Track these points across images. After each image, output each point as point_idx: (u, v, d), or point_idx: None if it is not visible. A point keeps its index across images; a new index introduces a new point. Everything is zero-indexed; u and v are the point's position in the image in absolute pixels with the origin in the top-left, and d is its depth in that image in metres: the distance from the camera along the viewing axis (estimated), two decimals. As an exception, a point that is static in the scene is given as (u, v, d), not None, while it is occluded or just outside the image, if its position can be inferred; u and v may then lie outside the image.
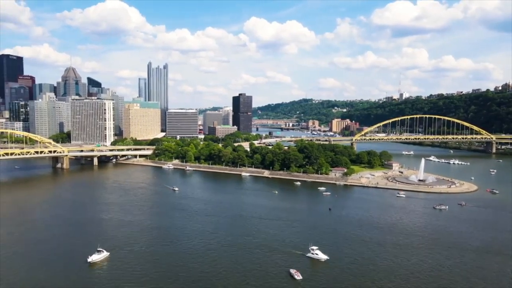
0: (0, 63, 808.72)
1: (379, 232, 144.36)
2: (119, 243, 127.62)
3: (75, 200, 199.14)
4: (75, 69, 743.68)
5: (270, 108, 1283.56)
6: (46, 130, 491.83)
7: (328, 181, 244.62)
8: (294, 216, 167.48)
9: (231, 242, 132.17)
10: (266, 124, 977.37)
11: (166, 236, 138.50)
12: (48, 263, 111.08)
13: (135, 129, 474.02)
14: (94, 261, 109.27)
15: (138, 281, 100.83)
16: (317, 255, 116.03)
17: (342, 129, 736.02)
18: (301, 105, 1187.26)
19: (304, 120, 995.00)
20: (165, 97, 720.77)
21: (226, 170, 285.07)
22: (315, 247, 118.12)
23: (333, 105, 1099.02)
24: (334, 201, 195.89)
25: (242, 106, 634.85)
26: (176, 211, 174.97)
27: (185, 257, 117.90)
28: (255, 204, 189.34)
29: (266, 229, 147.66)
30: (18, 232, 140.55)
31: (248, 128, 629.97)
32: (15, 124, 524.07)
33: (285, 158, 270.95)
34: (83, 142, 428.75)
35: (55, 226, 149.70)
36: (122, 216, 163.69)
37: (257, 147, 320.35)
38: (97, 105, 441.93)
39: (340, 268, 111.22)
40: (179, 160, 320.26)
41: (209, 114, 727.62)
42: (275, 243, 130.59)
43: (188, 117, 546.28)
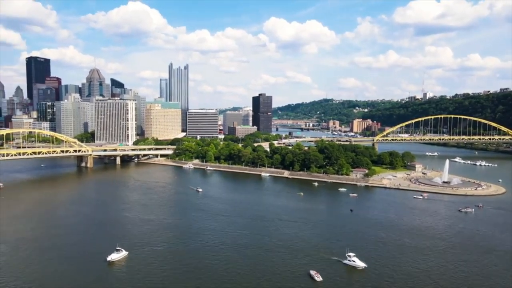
0: (28, 65, 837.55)
1: (409, 236, 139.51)
2: (139, 242, 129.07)
3: (98, 199, 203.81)
4: (99, 71, 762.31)
5: (290, 108, 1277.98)
6: (71, 130, 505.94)
7: (348, 182, 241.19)
8: (315, 217, 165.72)
9: (251, 242, 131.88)
10: (286, 124, 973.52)
11: (185, 235, 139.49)
12: (69, 261, 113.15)
13: (156, 129, 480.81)
14: (113, 260, 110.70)
15: (156, 281, 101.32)
16: (354, 262, 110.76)
17: (363, 130, 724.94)
18: (322, 105, 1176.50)
19: (324, 120, 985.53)
20: (186, 97, 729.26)
21: (246, 170, 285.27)
22: (352, 253, 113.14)
23: (354, 105, 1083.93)
24: (355, 202, 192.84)
25: (262, 106, 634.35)
26: (197, 211, 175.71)
27: (204, 257, 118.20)
28: (275, 204, 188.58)
29: (286, 230, 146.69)
30: (43, 228, 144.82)
31: (268, 128, 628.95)
32: (42, 124, 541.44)
33: (305, 159, 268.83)
34: (107, 141, 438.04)
35: (78, 224, 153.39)
36: (143, 215, 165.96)
37: (277, 147, 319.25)
38: (120, 106, 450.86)
39: (379, 276, 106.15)
40: (199, 160, 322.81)
41: (229, 114, 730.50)
42: (296, 244, 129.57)
43: (208, 117, 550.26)
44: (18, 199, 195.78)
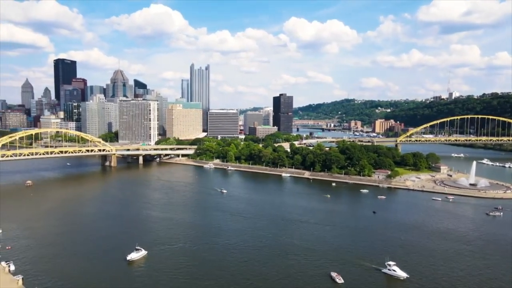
0: (56, 67, 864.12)
1: (441, 240, 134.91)
2: (159, 241, 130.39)
3: (121, 197, 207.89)
4: (122, 72, 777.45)
5: (311, 108, 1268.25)
6: (96, 130, 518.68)
7: (370, 183, 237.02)
8: (336, 219, 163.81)
9: (271, 243, 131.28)
10: (307, 125, 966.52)
11: (206, 235, 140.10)
12: (91, 257, 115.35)
13: (178, 129, 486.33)
14: (132, 259, 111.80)
15: (175, 281, 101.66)
16: (395, 272, 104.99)
17: (385, 130, 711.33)
18: (343, 105, 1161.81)
19: (346, 121, 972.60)
20: (207, 97, 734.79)
21: (266, 171, 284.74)
22: (392, 262, 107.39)
23: (377, 105, 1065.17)
24: (378, 204, 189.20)
25: (282, 107, 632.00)
26: (218, 211, 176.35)
27: (224, 256, 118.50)
28: (296, 205, 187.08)
29: (307, 231, 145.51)
30: (68, 225, 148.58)
31: (289, 128, 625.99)
32: (68, 124, 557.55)
33: (326, 159, 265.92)
34: (130, 141, 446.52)
35: (101, 221, 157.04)
36: (164, 214, 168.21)
37: (297, 148, 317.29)
38: (143, 106, 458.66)
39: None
40: (220, 159, 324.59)
41: (250, 114, 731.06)
42: (317, 246, 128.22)
43: (229, 117, 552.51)
44: (46, 196, 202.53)
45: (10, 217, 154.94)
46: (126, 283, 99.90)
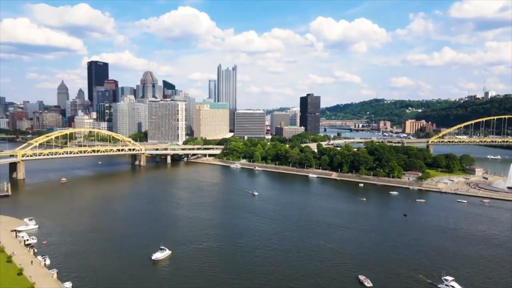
0: (89, 69, 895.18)
1: (486, 248, 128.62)
2: (185, 240, 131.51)
3: (150, 195, 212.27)
4: (152, 73, 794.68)
5: (339, 108, 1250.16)
6: (126, 130, 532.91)
7: (400, 185, 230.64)
8: (365, 221, 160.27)
9: (298, 244, 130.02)
10: (335, 125, 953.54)
11: (232, 235, 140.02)
12: (119, 255, 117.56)
13: (205, 129, 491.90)
14: (157, 259, 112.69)
15: (199, 281, 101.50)
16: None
17: (416, 131, 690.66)
18: (372, 106, 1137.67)
19: (374, 121, 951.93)
20: (234, 98, 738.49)
21: (293, 171, 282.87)
22: (450, 277, 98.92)
23: (407, 105, 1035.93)
24: (409, 207, 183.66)
25: (309, 107, 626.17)
26: (245, 212, 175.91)
27: (250, 257, 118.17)
28: (325, 206, 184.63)
29: (335, 233, 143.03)
30: (99, 222, 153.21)
31: (316, 128, 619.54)
32: (101, 124, 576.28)
33: (354, 160, 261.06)
34: (158, 141, 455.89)
35: (130, 218, 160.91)
36: (191, 213, 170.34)
37: (324, 148, 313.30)
38: (171, 106, 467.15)
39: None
40: (247, 160, 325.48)
41: (276, 114, 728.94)
42: (346, 249, 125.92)
43: (255, 118, 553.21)
44: (79, 193, 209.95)
45: (47, 213, 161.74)
46: (151, 283, 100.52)
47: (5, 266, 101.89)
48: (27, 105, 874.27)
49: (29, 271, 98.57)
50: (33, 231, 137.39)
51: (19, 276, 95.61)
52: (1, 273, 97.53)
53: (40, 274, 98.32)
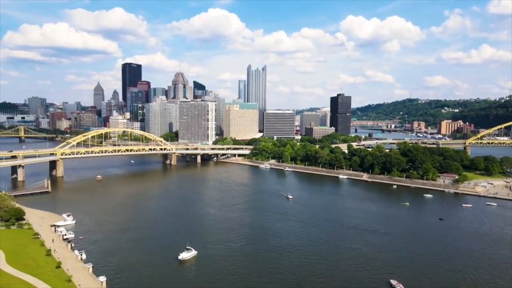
0: (123, 70, 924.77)
1: None
2: (212, 240, 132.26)
3: (180, 194, 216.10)
4: (183, 74, 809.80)
5: (370, 108, 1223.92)
6: (158, 130, 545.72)
7: (435, 188, 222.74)
8: (399, 224, 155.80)
9: (329, 247, 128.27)
10: (366, 126, 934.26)
11: (260, 237, 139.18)
12: (148, 253, 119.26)
13: (235, 129, 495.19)
14: (184, 259, 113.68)
15: (226, 282, 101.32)
16: None
17: (452, 132, 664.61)
18: (405, 105, 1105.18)
19: (408, 122, 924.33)
20: (263, 98, 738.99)
21: (323, 172, 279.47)
22: None
23: (443, 105, 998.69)
24: (444, 210, 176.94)
25: (340, 107, 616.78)
26: (275, 213, 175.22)
27: (278, 259, 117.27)
28: (355, 209, 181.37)
29: (368, 236, 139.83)
30: (131, 220, 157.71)
31: (346, 129, 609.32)
32: (134, 124, 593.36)
33: (386, 162, 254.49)
34: (189, 141, 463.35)
35: (160, 217, 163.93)
36: (219, 213, 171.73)
37: (355, 149, 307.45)
38: (201, 107, 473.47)
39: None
40: (276, 160, 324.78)
41: (306, 115, 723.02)
42: (378, 253, 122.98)
43: (285, 118, 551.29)
44: (113, 191, 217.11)
45: (83, 209, 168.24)
46: (177, 282, 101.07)
47: (45, 259, 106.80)
48: (66, 106, 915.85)
49: (67, 264, 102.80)
50: (70, 226, 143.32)
51: (57, 269, 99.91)
52: (41, 265, 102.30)
53: (76, 268, 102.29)
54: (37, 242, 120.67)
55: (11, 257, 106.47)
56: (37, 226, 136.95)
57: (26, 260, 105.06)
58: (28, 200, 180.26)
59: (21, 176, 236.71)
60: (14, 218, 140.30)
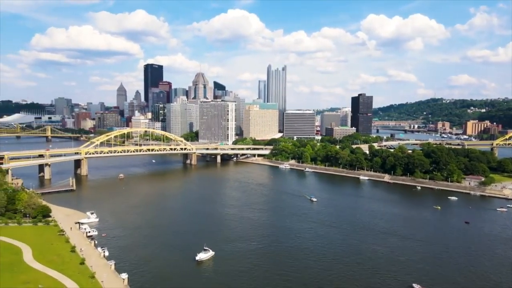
0: (145, 71, 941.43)
1: None
2: (231, 241, 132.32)
3: (200, 194, 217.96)
4: (203, 74, 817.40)
5: (393, 108, 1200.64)
6: (179, 129, 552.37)
7: (460, 190, 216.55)
8: (423, 227, 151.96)
9: (350, 249, 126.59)
10: (388, 126, 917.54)
11: (279, 238, 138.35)
12: (167, 252, 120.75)
13: (254, 129, 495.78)
14: (201, 259, 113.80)
15: (243, 283, 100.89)
16: None
17: (479, 132, 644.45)
18: (429, 105, 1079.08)
19: (431, 122, 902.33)
20: (283, 98, 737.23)
21: (343, 173, 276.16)
22: None
23: (468, 105, 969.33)
24: (470, 214, 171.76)
25: (361, 107, 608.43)
26: (295, 214, 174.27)
27: (297, 261, 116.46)
28: (377, 211, 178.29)
29: (391, 239, 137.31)
30: (152, 219, 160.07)
31: (368, 129, 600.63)
32: (155, 124, 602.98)
33: (408, 163, 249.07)
34: (209, 141, 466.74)
35: (180, 216, 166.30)
36: (239, 213, 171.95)
37: (377, 150, 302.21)
38: (221, 107, 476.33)
39: None
40: (295, 160, 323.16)
41: (327, 115, 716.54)
42: (401, 256, 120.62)
43: (305, 118, 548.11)
44: (134, 189, 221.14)
45: (106, 207, 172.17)
46: (195, 283, 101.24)
47: (70, 256, 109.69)
48: (90, 106, 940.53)
49: (90, 261, 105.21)
50: (94, 224, 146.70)
51: (81, 266, 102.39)
52: (66, 261, 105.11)
53: (99, 264, 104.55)
54: (62, 239, 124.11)
55: (38, 252, 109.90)
56: (62, 223, 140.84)
57: (52, 256, 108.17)
58: (54, 197, 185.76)
59: (48, 174, 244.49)
60: (41, 215, 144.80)
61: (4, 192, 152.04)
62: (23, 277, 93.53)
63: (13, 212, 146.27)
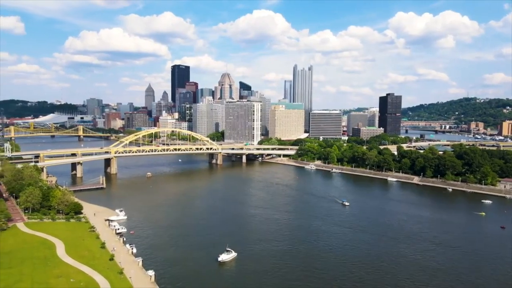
0: (173, 72, 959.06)
1: None
2: (254, 242, 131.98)
3: (225, 194, 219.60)
4: (229, 75, 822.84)
5: (423, 108, 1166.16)
6: (205, 129, 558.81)
7: (494, 194, 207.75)
8: (456, 232, 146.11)
9: (377, 254, 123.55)
10: (417, 126, 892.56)
11: (303, 240, 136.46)
12: (191, 251, 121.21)
13: (280, 129, 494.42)
14: (223, 260, 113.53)
15: (264, 285, 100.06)
16: None
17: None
18: (461, 105, 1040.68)
19: (464, 122, 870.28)
20: (309, 98, 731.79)
21: (370, 174, 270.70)
22: None
23: (504, 105, 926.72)
24: (506, 218, 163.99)
25: (389, 107, 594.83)
26: (321, 215, 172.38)
27: (323, 263, 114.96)
28: (407, 213, 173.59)
29: (422, 244, 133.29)
30: (178, 218, 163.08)
31: (396, 130, 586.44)
32: (182, 124, 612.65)
33: (439, 164, 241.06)
34: (234, 140, 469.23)
35: (205, 216, 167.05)
36: (263, 214, 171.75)
37: (405, 151, 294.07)
38: (247, 107, 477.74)
39: None
40: (321, 161, 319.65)
41: (354, 115, 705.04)
42: (432, 261, 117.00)
43: (331, 118, 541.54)
44: (162, 188, 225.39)
45: (134, 205, 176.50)
46: (217, 283, 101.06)
47: (100, 251, 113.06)
48: (120, 107, 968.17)
49: (119, 257, 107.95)
50: (122, 221, 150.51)
51: (110, 261, 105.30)
52: (96, 257, 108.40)
53: (127, 261, 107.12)
54: (93, 235, 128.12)
55: (70, 248, 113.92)
56: (93, 220, 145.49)
57: (83, 252, 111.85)
58: (85, 195, 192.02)
59: (80, 172, 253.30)
60: (73, 211, 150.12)
61: (39, 189, 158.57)
62: (56, 271, 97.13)
63: (47, 208, 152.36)
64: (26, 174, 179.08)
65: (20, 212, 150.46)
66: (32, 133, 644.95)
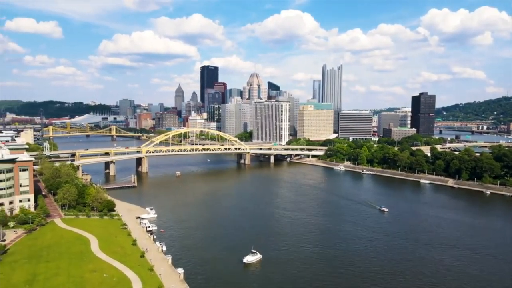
0: (202, 73, 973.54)
1: None
2: (281, 243, 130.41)
3: (253, 194, 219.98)
4: (257, 75, 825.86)
5: (458, 108, 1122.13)
6: (233, 129, 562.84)
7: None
8: (494, 239, 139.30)
9: (406, 258, 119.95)
10: (452, 127, 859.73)
11: (330, 244, 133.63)
12: (219, 252, 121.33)
13: (308, 129, 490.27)
14: (248, 262, 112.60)
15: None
16: None
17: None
18: (500, 104, 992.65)
19: (503, 122, 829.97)
20: (339, 98, 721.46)
21: (402, 176, 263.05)
22: None
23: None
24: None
25: (422, 106, 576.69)
26: (350, 217, 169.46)
27: (350, 266, 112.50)
28: (441, 217, 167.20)
29: (456, 251, 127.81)
30: (206, 218, 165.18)
31: (430, 130, 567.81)
32: (210, 124, 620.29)
33: (476, 166, 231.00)
34: (262, 141, 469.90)
35: (233, 216, 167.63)
36: (291, 215, 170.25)
37: (439, 152, 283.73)
38: (275, 107, 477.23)
39: None
40: (351, 162, 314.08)
41: (384, 115, 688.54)
42: (466, 270, 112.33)
43: (361, 118, 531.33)
44: (190, 187, 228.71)
45: (164, 204, 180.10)
46: (240, 285, 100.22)
47: (131, 248, 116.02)
48: (151, 107, 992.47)
49: (149, 254, 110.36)
50: (153, 219, 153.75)
51: (141, 258, 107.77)
52: (128, 253, 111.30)
53: (157, 258, 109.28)
54: (125, 232, 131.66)
55: (104, 244, 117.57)
56: (125, 217, 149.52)
57: (115, 248, 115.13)
58: (117, 193, 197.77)
59: (113, 171, 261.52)
60: (106, 209, 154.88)
61: (75, 186, 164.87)
62: (90, 266, 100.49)
63: (82, 205, 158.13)
64: (63, 172, 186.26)
65: (58, 208, 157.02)
66: (69, 132, 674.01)
